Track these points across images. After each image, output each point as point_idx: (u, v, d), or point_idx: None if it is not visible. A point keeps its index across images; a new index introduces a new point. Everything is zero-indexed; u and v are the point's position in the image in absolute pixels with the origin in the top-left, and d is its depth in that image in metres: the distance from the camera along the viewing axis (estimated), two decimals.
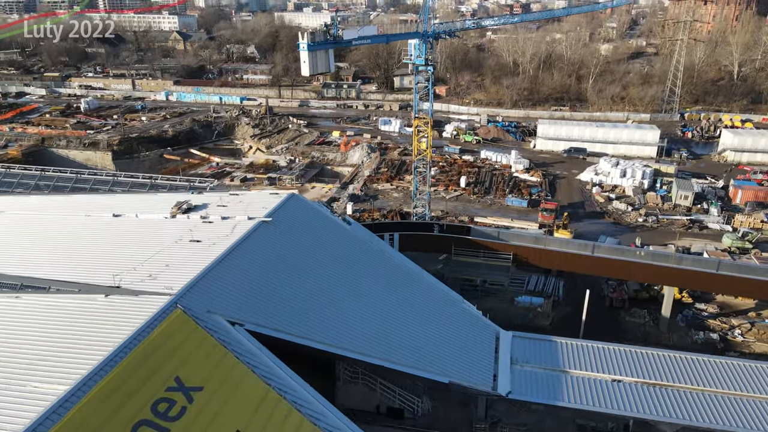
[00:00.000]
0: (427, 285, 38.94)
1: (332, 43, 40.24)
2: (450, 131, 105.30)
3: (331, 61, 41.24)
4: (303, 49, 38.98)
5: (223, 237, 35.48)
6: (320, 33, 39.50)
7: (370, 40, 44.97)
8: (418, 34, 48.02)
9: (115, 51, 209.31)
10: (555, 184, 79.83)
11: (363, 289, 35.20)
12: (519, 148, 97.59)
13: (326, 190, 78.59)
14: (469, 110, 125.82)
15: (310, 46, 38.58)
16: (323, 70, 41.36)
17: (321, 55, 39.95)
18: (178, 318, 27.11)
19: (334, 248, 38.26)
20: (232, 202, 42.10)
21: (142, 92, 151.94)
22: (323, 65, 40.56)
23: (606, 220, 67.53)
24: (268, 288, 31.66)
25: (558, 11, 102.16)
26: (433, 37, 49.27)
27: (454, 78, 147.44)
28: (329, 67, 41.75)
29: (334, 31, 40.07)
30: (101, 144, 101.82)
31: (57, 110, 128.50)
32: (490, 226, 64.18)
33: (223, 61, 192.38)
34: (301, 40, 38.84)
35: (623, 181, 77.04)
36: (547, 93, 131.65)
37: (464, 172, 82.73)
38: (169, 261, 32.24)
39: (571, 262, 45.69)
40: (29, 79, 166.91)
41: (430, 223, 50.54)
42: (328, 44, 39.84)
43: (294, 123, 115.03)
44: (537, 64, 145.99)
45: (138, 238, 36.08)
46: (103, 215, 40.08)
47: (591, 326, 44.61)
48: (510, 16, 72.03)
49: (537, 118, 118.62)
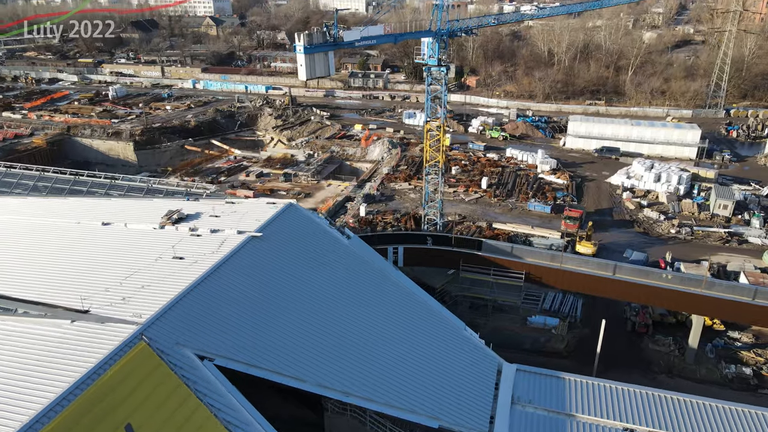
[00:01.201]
0: (426, 309, 36.12)
1: (332, 45, 37.35)
2: (476, 126, 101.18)
3: (330, 64, 38.39)
4: (299, 52, 36.27)
5: (208, 254, 33.44)
6: (318, 34, 36.66)
7: (375, 41, 41.96)
8: (431, 32, 44.61)
9: (148, 37, 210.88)
10: (582, 187, 75.29)
11: (353, 317, 32.64)
12: (547, 146, 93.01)
13: (342, 189, 76.14)
14: (499, 103, 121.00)
15: (306, 48, 35.83)
16: (322, 74, 38.57)
17: (319, 58, 37.16)
18: (141, 352, 25.15)
19: (326, 268, 35.78)
20: (225, 212, 40.05)
21: (170, 80, 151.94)
22: (322, 69, 37.77)
23: (635, 230, 62.98)
24: (246, 316, 29.44)
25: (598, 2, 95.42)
26: (448, 36, 45.76)
27: (485, 68, 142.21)
28: (329, 71, 38.89)
29: (334, 31, 37.18)
30: (124, 134, 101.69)
31: (85, 98, 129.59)
32: (509, 233, 60.85)
33: (252, 48, 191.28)
34: (297, 41, 36.12)
35: (657, 187, 71.97)
36: (582, 86, 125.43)
37: (487, 172, 78.99)
38: (145, 281, 30.35)
39: (589, 284, 42.06)
40: (63, 64, 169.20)
41: (436, 235, 47.47)
42: (327, 46, 36.97)
43: (317, 115, 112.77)
44: (573, 54, 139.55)
45: (120, 252, 34.34)
46: (93, 223, 38.61)
47: (610, 353, 41.15)
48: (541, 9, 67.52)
49: (570, 112, 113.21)
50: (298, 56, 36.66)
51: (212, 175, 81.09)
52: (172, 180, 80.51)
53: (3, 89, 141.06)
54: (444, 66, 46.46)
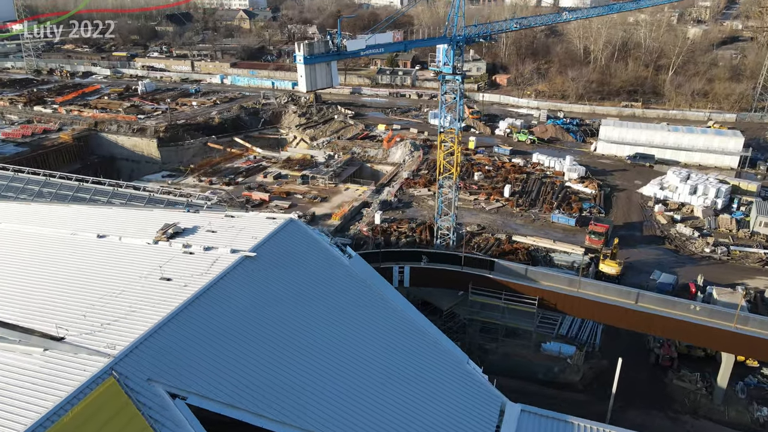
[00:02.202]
0: (427, 340, 33.83)
1: (334, 56, 35.19)
2: (503, 128, 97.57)
3: (333, 74, 36.23)
4: (299, 63, 34.26)
5: (197, 275, 31.92)
6: (320, 44, 34.54)
7: (383, 49, 39.53)
8: (446, 39, 41.97)
9: (182, 30, 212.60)
10: (612, 197, 71.33)
11: (346, 350, 30.62)
12: (577, 151, 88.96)
13: (359, 193, 74.12)
14: (529, 103, 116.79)
15: (307, 59, 33.77)
16: (324, 85, 36.48)
17: (321, 69, 35.05)
18: (109, 390, 23.72)
19: (321, 293, 33.85)
20: (223, 226, 38.52)
21: (199, 74, 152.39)
22: (324, 80, 35.67)
23: (666, 247, 59.05)
24: (227, 349, 27.74)
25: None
26: (464, 42, 43.03)
27: (517, 66, 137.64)
28: (331, 82, 36.77)
29: (337, 40, 34.99)
30: (148, 130, 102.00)
31: (115, 92, 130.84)
32: (528, 248, 57.80)
33: (283, 42, 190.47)
34: (297, 51, 34.09)
35: (692, 199, 67.52)
36: (619, 86, 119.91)
37: (511, 179, 75.73)
38: (127, 306, 29.00)
39: (608, 314, 39.05)
40: (98, 58, 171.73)
41: (445, 254, 44.95)
42: (329, 56, 34.84)
43: (340, 113, 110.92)
44: (611, 52, 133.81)
45: (108, 270, 33.13)
46: (88, 235, 37.62)
47: (629, 388, 38.20)
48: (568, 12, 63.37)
49: (604, 114, 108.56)
50: (298, 67, 34.67)
51: (230, 176, 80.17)
52: (189, 180, 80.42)
53: (38, 82, 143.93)
54: (459, 74, 43.74)
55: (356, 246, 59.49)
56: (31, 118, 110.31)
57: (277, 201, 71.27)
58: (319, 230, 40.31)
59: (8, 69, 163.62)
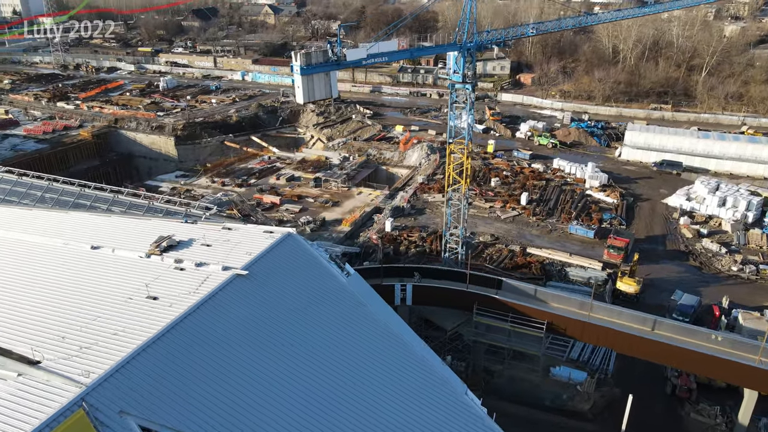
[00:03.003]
0: (422, 369, 32.03)
1: (333, 65, 33.52)
2: (524, 131, 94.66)
3: (333, 84, 34.57)
4: (296, 73, 32.69)
5: (184, 295, 30.69)
6: (318, 53, 32.90)
7: (387, 58, 37.60)
8: (456, 45, 39.89)
9: (208, 25, 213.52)
10: (634, 208, 68.19)
11: (336, 381, 28.99)
12: (601, 156, 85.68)
13: (372, 198, 72.49)
14: (553, 104, 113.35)
15: (303, 69, 32.18)
16: (322, 96, 34.83)
17: (319, 79, 33.43)
18: (78, 423, 22.56)
19: (313, 316, 32.29)
20: (219, 240, 37.29)
21: (221, 71, 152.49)
22: (322, 91, 34.03)
23: (690, 264, 55.99)
24: (207, 379, 26.40)
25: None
26: (476, 49, 40.88)
27: (542, 65, 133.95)
28: (330, 92, 35.10)
29: (337, 49, 33.29)
30: (166, 128, 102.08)
31: (137, 88, 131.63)
32: (543, 261, 55.44)
33: (306, 39, 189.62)
34: (294, 62, 32.52)
35: (721, 212, 64.03)
36: (648, 87, 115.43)
37: (529, 186, 73.12)
38: (108, 328, 27.87)
39: (621, 342, 36.68)
40: (123, 53, 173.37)
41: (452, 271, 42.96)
42: (327, 66, 33.20)
43: (358, 113, 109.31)
44: (641, 51, 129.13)
45: (96, 286, 32.15)
46: (81, 246, 36.82)
47: (642, 420, 35.89)
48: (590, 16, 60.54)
49: (631, 117, 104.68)
50: (294, 77, 33.12)
51: (243, 177, 79.39)
52: (202, 181, 79.91)
53: (63, 78, 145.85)
54: (470, 83, 41.64)
55: (365, 255, 58.06)
56: (54, 114, 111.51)
57: (288, 205, 70.14)
58: (317, 245, 38.79)
59: (36, 63, 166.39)
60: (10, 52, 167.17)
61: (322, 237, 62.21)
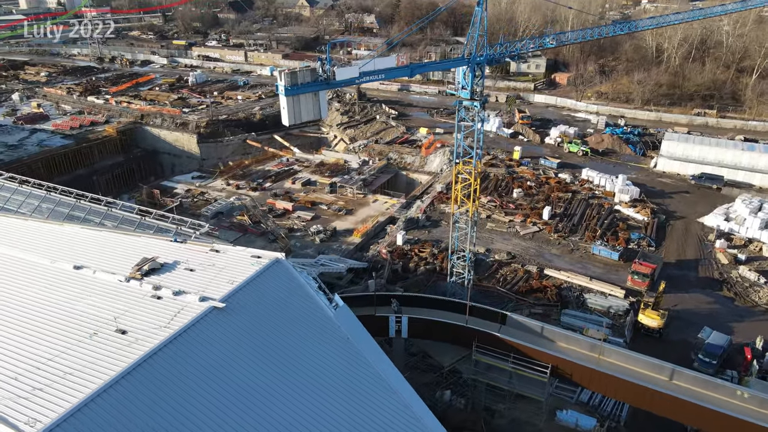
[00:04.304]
0: (408, 419, 29.54)
1: (321, 85, 30.96)
2: (554, 137, 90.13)
3: (322, 105, 32.00)
4: (280, 93, 30.34)
5: (155, 329, 29.01)
6: (305, 72, 30.40)
7: (384, 75, 34.62)
8: (464, 60, 36.78)
9: (243, 18, 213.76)
10: (666, 227, 63.44)
11: (308, 428, 26.87)
12: (635, 166, 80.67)
13: (387, 207, 69.94)
14: (588, 107, 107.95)
15: (288, 90, 29.76)
16: (310, 117, 32.29)
17: (306, 100, 30.93)
18: None
19: (291, 355, 30.11)
20: (204, 264, 35.47)
21: (251, 65, 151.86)
22: (310, 111, 31.50)
23: (724, 294, 51.43)
24: (169, 427, 24.61)
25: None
26: (486, 64, 37.66)
27: (579, 64, 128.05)
28: (319, 113, 32.56)
29: (327, 66, 30.70)
30: (190, 125, 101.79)
31: (167, 83, 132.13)
32: (560, 284, 51.91)
33: (339, 32, 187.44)
34: (278, 80, 30.15)
35: (763, 236, 58.81)
36: (692, 90, 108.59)
37: (554, 198, 69.16)
38: (68, 365, 26.44)
39: (634, 394, 33.18)
40: (158, 46, 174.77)
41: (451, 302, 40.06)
42: (315, 86, 30.67)
43: (383, 113, 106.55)
44: (687, 50, 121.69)
45: (67, 314, 30.80)
46: (64, 265, 35.64)
47: None
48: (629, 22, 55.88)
49: (672, 123, 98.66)
50: (280, 98, 30.76)
51: (259, 180, 77.95)
52: (218, 183, 78.87)
53: (98, 71, 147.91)
54: (479, 100, 38.46)
55: (372, 270, 55.67)
56: (83, 109, 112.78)
57: (300, 212, 68.29)
58: (307, 273, 36.50)
59: (74, 55, 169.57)
60: (50, 44, 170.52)
61: (331, 248, 60.13)
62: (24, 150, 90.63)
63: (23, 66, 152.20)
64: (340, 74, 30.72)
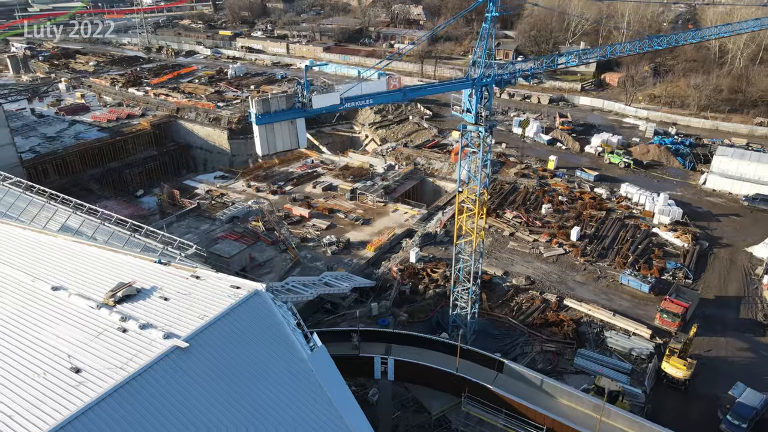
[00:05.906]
0: None
1: (297, 112, 28.24)
2: (595, 146, 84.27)
3: (300, 133, 29.24)
4: (252, 122, 27.88)
5: (110, 369, 27.49)
6: (280, 99, 27.70)
7: (372, 100, 31.46)
8: (467, 82, 33.28)
9: (290, 7, 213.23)
10: (709, 255, 57.60)
11: None
12: (681, 182, 74.21)
13: (406, 218, 66.93)
14: (637, 112, 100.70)
15: (259, 118, 27.23)
16: (286, 147, 29.65)
17: (281, 129, 28.31)
18: None
19: (255, 405, 27.90)
20: (181, 293, 33.74)
21: (292, 58, 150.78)
22: (287, 140, 28.85)
23: (766, 342, 45.89)
24: None
25: None
26: (492, 85, 34.00)
27: (633, 63, 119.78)
28: (297, 143, 29.87)
29: (305, 91, 27.91)
30: (222, 121, 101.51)
31: (207, 75, 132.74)
32: (579, 318, 47.82)
33: (384, 24, 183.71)
34: (251, 108, 27.63)
35: None
36: (756, 96, 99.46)
37: (585, 217, 64.22)
38: (12, 407, 25.25)
39: None
40: (203, 36, 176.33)
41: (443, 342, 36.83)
42: (290, 114, 27.96)
43: (417, 113, 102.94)
44: (753, 51, 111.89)
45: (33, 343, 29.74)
46: (42, 285, 34.77)
47: None
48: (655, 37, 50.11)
49: (729, 133, 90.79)
50: (253, 126, 28.33)
51: (280, 183, 76.41)
52: (238, 185, 77.82)
53: (144, 61, 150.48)
54: (484, 125, 34.89)
55: (381, 289, 53.10)
56: (123, 101, 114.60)
57: (317, 219, 66.26)
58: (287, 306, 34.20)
59: (124, 45, 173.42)
60: (102, 33, 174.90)
61: (342, 262, 57.87)
62: (60, 142, 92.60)
63: (75, 54, 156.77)
64: (318, 102, 27.94)
